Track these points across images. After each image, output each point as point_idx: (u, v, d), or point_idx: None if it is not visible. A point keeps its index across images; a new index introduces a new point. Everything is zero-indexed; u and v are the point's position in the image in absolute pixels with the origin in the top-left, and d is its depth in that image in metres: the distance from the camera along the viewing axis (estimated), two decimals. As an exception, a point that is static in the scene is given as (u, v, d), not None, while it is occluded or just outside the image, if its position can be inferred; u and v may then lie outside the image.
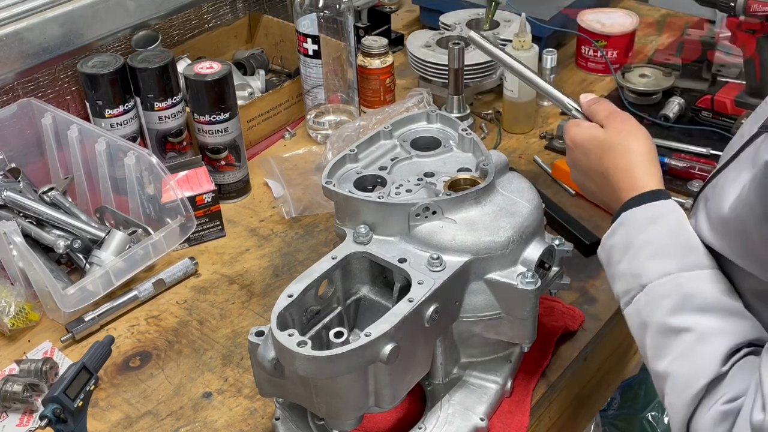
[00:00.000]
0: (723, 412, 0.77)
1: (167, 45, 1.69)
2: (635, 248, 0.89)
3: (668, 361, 0.82)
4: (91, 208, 1.38)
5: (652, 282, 0.86)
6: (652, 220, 0.90)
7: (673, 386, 0.81)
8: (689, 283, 0.84)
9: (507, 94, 1.59)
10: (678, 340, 0.82)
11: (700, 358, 0.80)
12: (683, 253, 0.86)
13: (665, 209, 0.91)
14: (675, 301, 0.83)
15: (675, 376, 0.81)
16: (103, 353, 0.98)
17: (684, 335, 0.82)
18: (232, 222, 1.42)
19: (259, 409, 1.08)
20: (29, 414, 1.09)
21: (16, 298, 1.19)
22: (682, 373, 0.81)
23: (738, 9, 1.48)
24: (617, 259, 0.91)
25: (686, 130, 1.58)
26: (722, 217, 0.82)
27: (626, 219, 0.92)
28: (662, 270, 0.86)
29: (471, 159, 1.08)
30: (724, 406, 0.77)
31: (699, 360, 0.80)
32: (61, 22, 1.45)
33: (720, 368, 0.78)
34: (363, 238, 0.96)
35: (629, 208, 0.92)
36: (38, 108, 1.38)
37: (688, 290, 0.84)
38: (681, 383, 0.80)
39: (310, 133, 1.62)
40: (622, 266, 0.90)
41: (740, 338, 0.80)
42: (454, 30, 1.72)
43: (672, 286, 0.85)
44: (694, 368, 0.80)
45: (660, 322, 0.84)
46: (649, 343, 0.85)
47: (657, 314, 0.84)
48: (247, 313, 1.23)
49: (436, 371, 1.02)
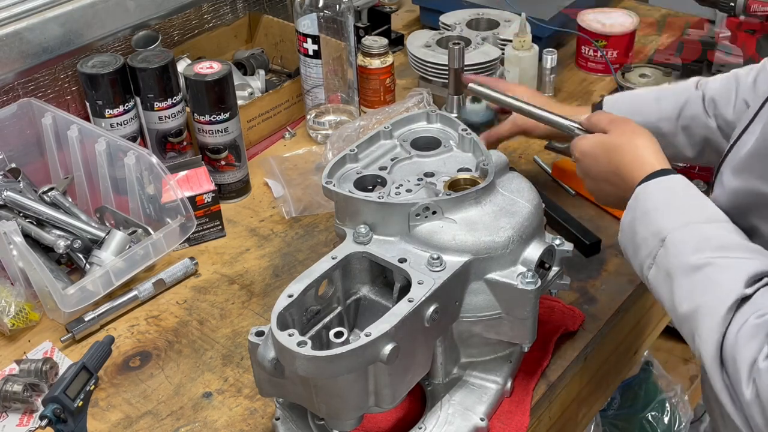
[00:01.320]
0: (756, 324, 0.78)
1: (167, 45, 1.69)
2: (652, 213, 0.92)
3: (694, 297, 0.84)
4: (91, 208, 1.38)
5: (671, 233, 0.88)
6: (665, 189, 0.94)
7: (702, 317, 0.82)
8: (708, 228, 0.88)
9: (507, 94, 1.59)
10: (701, 274, 0.84)
11: (725, 284, 0.82)
12: (699, 208, 0.91)
13: (676, 181, 0.95)
14: (695, 243, 0.86)
15: (702, 307, 0.83)
16: (103, 353, 0.98)
17: (706, 269, 0.84)
18: (232, 222, 1.42)
19: (259, 409, 1.08)
20: (29, 414, 1.09)
21: (16, 298, 1.19)
22: (707, 301, 0.82)
23: (738, 9, 1.49)
24: (637, 229, 0.93)
25: (686, 130, 1.57)
26: (749, 153, 0.88)
27: (641, 192, 0.95)
28: (681, 221, 0.89)
29: (471, 159, 1.08)
30: (757, 320, 0.78)
31: (723, 286, 0.82)
32: (61, 22, 1.45)
33: (744, 290, 0.80)
34: (363, 238, 0.96)
35: (642, 184, 0.95)
36: (38, 108, 1.38)
37: (708, 234, 0.87)
38: (708, 311, 0.82)
39: (310, 133, 1.62)
40: (641, 233, 0.92)
41: (764, 267, 0.82)
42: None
43: (692, 233, 0.88)
44: (720, 294, 0.81)
45: (682, 264, 0.86)
46: (676, 288, 0.86)
47: (679, 258, 0.87)
48: (247, 313, 1.23)
49: (436, 371, 1.02)
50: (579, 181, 1.42)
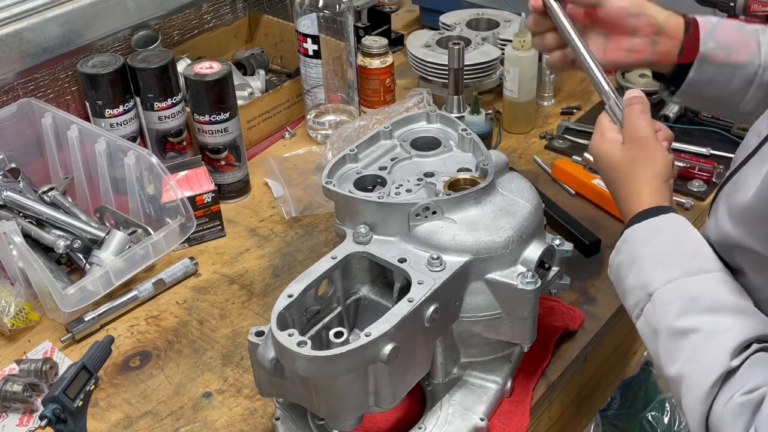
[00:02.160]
0: (741, 403, 0.76)
1: (167, 45, 1.69)
2: (640, 261, 0.91)
3: (680, 364, 0.83)
4: (91, 208, 1.38)
5: (658, 289, 0.87)
6: (654, 234, 0.92)
7: (687, 387, 0.81)
8: (694, 286, 0.85)
9: (507, 94, 1.59)
10: (687, 341, 0.83)
11: (710, 355, 0.80)
12: (687, 259, 0.88)
13: (666, 222, 0.92)
14: (681, 304, 0.84)
15: (688, 376, 0.81)
16: (103, 353, 0.98)
17: (692, 336, 0.82)
18: (232, 222, 1.42)
19: (259, 409, 1.08)
20: (29, 414, 1.09)
21: (16, 298, 1.19)
22: (694, 372, 0.81)
23: (738, 9, 1.48)
24: (624, 274, 0.92)
25: (686, 130, 1.58)
26: (746, 205, 0.83)
27: (629, 236, 0.94)
28: (667, 277, 0.87)
29: (471, 159, 1.08)
30: (743, 398, 0.76)
31: (709, 357, 0.80)
32: (61, 22, 1.45)
33: (730, 362, 0.78)
34: (363, 238, 0.96)
35: (631, 225, 0.94)
36: (38, 108, 1.38)
37: (694, 293, 0.85)
38: (694, 382, 0.80)
39: (310, 133, 1.62)
40: (630, 280, 0.91)
41: (750, 333, 0.80)
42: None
43: (678, 291, 0.86)
44: (705, 365, 0.80)
45: (668, 326, 0.85)
46: (661, 350, 0.86)
47: (665, 319, 0.85)
48: (247, 313, 1.23)
49: (436, 371, 1.02)
50: (579, 181, 1.43)
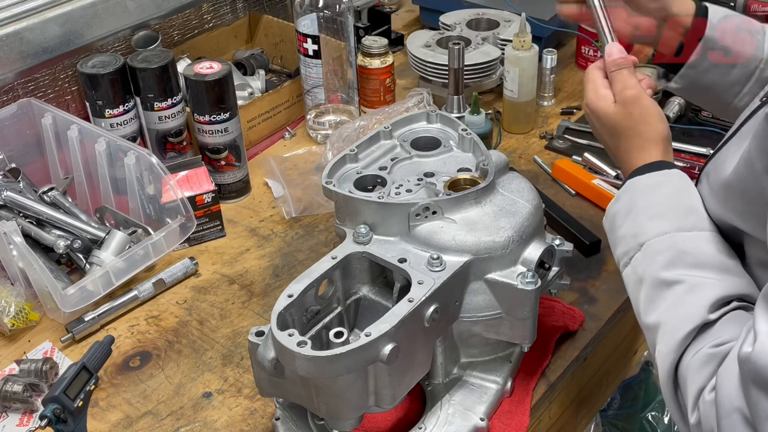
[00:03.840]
0: (710, 354, 0.78)
1: (167, 45, 1.69)
2: (636, 211, 0.92)
3: (659, 312, 0.84)
4: (91, 208, 1.38)
5: (649, 240, 0.88)
6: (654, 186, 0.93)
7: (663, 334, 0.83)
8: (686, 241, 0.87)
9: (507, 94, 1.59)
10: (669, 291, 0.84)
11: (689, 306, 0.82)
12: (682, 215, 0.89)
13: (668, 176, 0.94)
14: (670, 256, 0.86)
15: (664, 324, 0.83)
16: (103, 353, 0.98)
17: (675, 287, 0.84)
18: (232, 222, 1.42)
19: (259, 409, 1.08)
20: (29, 414, 1.09)
21: (16, 298, 1.19)
22: (671, 320, 0.83)
23: (738, 9, 1.48)
24: (619, 224, 0.94)
25: (686, 130, 1.58)
26: (725, 182, 0.84)
27: (630, 185, 0.95)
28: (660, 229, 0.89)
29: (471, 159, 1.08)
30: (711, 350, 0.78)
31: (688, 307, 0.82)
32: (61, 22, 1.45)
33: (707, 315, 0.80)
34: (363, 238, 0.96)
35: (634, 177, 0.95)
36: (38, 108, 1.38)
37: (684, 247, 0.86)
38: (670, 330, 0.82)
39: (310, 133, 1.62)
40: (623, 229, 0.93)
41: (732, 291, 0.82)
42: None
43: (668, 243, 0.87)
44: (683, 315, 0.82)
45: (654, 276, 0.86)
46: (643, 297, 0.87)
47: (651, 268, 0.87)
48: (247, 313, 1.23)
49: (436, 371, 1.02)
50: (579, 181, 1.43)
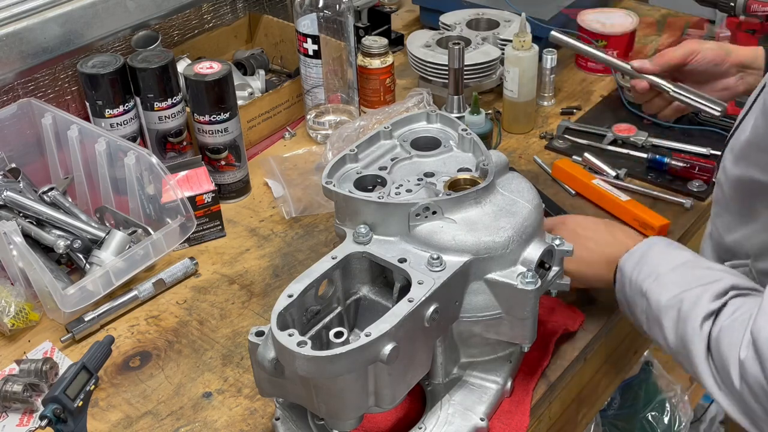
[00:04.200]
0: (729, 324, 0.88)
1: (167, 45, 1.69)
2: (633, 278, 1.03)
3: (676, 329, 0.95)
4: (91, 208, 1.38)
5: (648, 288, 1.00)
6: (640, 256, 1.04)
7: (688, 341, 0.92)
8: (672, 275, 0.99)
9: (507, 94, 1.59)
10: (675, 309, 0.95)
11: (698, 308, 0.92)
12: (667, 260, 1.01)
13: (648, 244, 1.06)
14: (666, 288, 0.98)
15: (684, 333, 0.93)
16: (103, 353, 0.98)
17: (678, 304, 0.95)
18: (232, 222, 1.42)
19: (259, 409, 1.08)
20: (29, 414, 1.09)
21: (16, 298, 1.19)
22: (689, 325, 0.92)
23: (738, 9, 1.49)
24: (627, 294, 1.04)
25: (686, 130, 1.58)
26: (746, 141, 0.95)
27: (621, 265, 1.06)
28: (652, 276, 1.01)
29: (471, 159, 1.08)
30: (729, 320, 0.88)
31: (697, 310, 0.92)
32: (61, 22, 1.45)
33: (713, 306, 0.91)
34: (363, 238, 0.96)
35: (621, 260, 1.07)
36: (38, 108, 1.38)
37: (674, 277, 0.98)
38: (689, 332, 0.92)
39: (310, 133, 1.62)
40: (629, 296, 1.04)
41: (724, 285, 0.92)
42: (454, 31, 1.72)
43: (661, 282, 0.99)
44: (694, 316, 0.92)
45: (662, 307, 0.97)
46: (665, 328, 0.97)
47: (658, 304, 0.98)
48: (247, 313, 1.23)
49: (436, 371, 1.02)
50: (579, 181, 1.43)
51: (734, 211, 1.08)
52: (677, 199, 1.40)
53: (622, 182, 1.45)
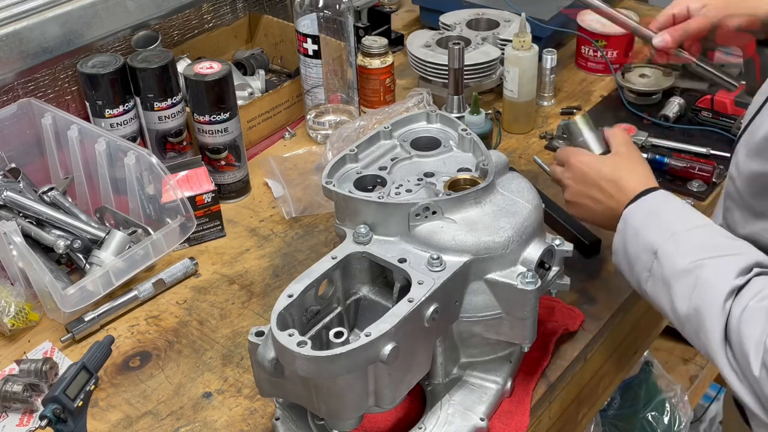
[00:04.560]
0: (758, 309, 0.84)
1: (167, 45, 1.69)
2: (641, 232, 0.99)
3: (692, 297, 0.90)
4: (91, 208, 1.38)
5: (661, 246, 0.95)
6: (648, 208, 1.01)
7: (702, 313, 0.89)
8: (694, 235, 0.96)
9: (507, 94, 1.59)
10: (693, 276, 0.91)
11: (718, 279, 0.89)
12: (682, 219, 0.98)
13: (657, 197, 1.02)
14: (684, 249, 0.94)
15: (701, 304, 0.89)
16: (103, 353, 0.98)
17: (698, 271, 0.91)
18: (232, 222, 1.42)
19: (259, 409, 1.08)
20: (29, 414, 1.09)
21: (16, 298, 1.19)
22: (705, 298, 0.89)
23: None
24: (630, 248, 1.00)
25: (686, 130, 1.58)
26: (764, 137, 0.92)
27: (627, 214, 1.02)
28: (668, 234, 0.96)
29: (471, 159, 1.08)
30: (759, 303, 0.84)
31: (717, 281, 0.89)
32: (61, 22, 1.45)
33: (735, 281, 0.87)
34: (363, 238, 0.96)
35: (627, 207, 1.03)
36: (38, 108, 1.38)
37: (694, 240, 0.95)
38: (707, 305, 0.88)
39: (310, 133, 1.62)
40: (633, 251, 0.99)
41: (749, 260, 0.89)
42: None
43: (679, 241, 0.95)
44: (715, 289, 0.88)
45: (676, 270, 0.93)
46: (674, 296, 0.93)
47: (672, 266, 0.93)
48: (247, 313, 1.23)
49: (436, 371, 1.02)
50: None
51: (748, 206, 1.04)
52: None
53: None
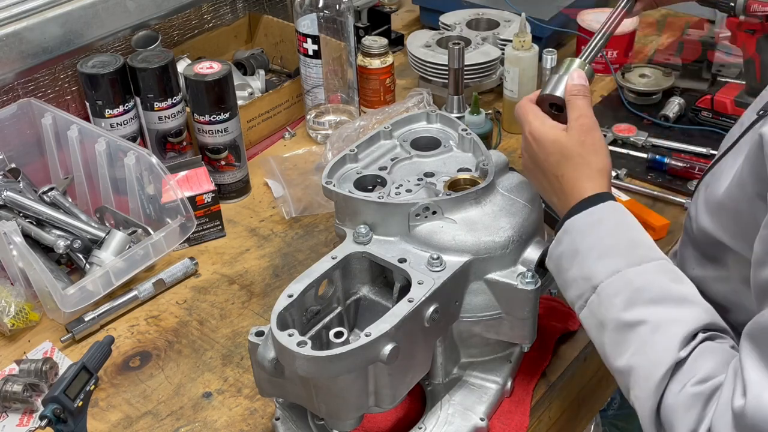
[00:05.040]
0: (693, 393, 0.77)
1: (167, 45, 1.69)
2: (582, 253, 0.90)
3: (628, 356, 0.83)
4: (91, 208, 1.38)
5: (602, 282, 0.87)
6: (593, 224, 0.91)
7: (636, 379, 0.82)
8: (638, 277, 0.86)
9: (507, 94, 1.59)
10: (634, 333, 0.83)
11: (659, 347, 0.81)
12: (628, 249, 0.88)
13: (606, 211, 0.91)
14: (626, 296, 0.85)
15: (636, 368, 0.82)
16: (103, 353, 0.98)
17: (639, 328, 0.83)
18: (232, 222, 1.42)
19: (259, 409, 1.08)
20: (29, 414, 1.09)
21: (16, 298, 1.19)
22: (642, 364, 0.82)
23: (738, 9, 1.48)
24: (566, 266, 0.91)
25: (686, 130, 1.58)
26: (718, 200, 0.84)
27: (569, 227, 0.92)
28: (610, 269, 0.87)
29: (471, 159, 1.08)
30: (694, 388, 0.78)
31: (657, 348, 0.81)
32: (61, 22, 1.45)
33: (678, 353, 0.79)
34: (363, 238, 0.96)
35: (571, 216, 0.92)
36: (38, 108, 1.38)
37: (638, 284, 0.85)
38: (643, 374, 0.81)
39: (310, 133, 1.62)
40: (572, 272, 0.90)
41: (695, 324, 0.81)
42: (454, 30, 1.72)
43: (622, 283, 0.86)
44: (654, 357, 0.81)
45: (615, 319, 0.85)
46: (608, 342, 0.86)
47: (611, 312, 0.85)
48: (247, 313, 1.23)
49: (436, 371, 1.02)
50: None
51: (701, 249, 0.98)
52: (677, 199, 1.40)
53: (621, 182, 1.45)
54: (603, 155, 0.95)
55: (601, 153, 0.95)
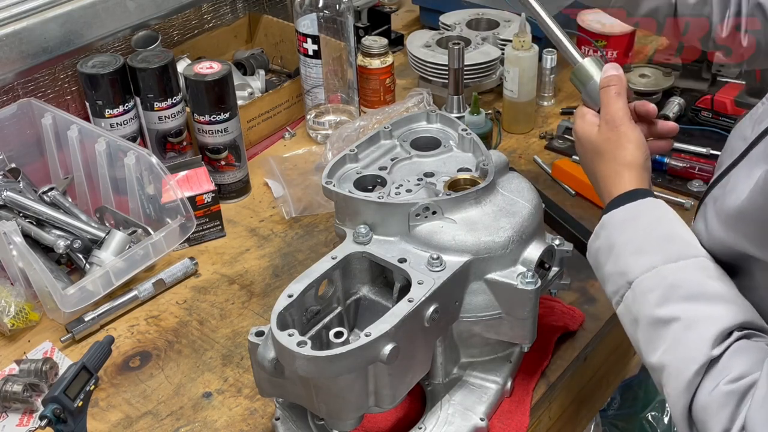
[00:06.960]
0: (727, 392, 0.77)
1: (167, 45, 1.69)
2: (618, 248, 0.91)
3: (660, 353, 0.83)
4: (91, 208, 1.38)
5: (637, 278, 0.87)
6: (631, 219, 0.92)
7: (668, 376, 0.82)
8: (673, 274, 0.86)
9: (507, 94, 1.59)
10: (667, 330, 0.83)
11: (691, 344, 0.80)
12: (665, 245, 0.88)
13: (644, 207, 0.92)
14: (661, 293, 0.85)
15: (669, 365, 0.82)
16: (103, 353, 0.98)
17: (673, 324, 0.82)
18: (232, 222, 1.42)
19: (259, 409, 1.08)
20: (29, 414, 1.09)
21: (16, 298, 1.19)
22: (675, 361, 0.81)
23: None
24: (603, 261, 0.93)
25: (686, 130, 1.57)
26: (737, 209, 0.82)
27: (607, 221, 0.94)
28: (646, 265, 0.87)
29: (471, 159, 1.08)
30: (728, 386, 0.77)
31: (690, 346, 0.80)
32: (61, 22, 1.45)
33: (711, 351, 0.79)
34: (363, 238, 0.96)
35: (609, 211, 0.94)
36: (38, 108, 1.38)
37: (673, 281, 0.85)
38: (675, 371, 0.81)
39: (310, 133, 1.62)
40: (609, 267, 0.91)
41: (731, 321, 0.80)
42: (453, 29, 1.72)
43: (657, 279, 0.86)
44: (687, 354, 0.80)
45: (649, 315, 0.85)
46: (641, 338, 0.86)
47: (645, 308, 0.86)
48: (247, 313, 1.23)
49: (436, 371, 1.02)
50: (579, 181, 1.43)
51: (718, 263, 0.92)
52: (677, 199, 1.40)
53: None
54: (631, 149, 0.96)
55: (628, 147, 0.96)
